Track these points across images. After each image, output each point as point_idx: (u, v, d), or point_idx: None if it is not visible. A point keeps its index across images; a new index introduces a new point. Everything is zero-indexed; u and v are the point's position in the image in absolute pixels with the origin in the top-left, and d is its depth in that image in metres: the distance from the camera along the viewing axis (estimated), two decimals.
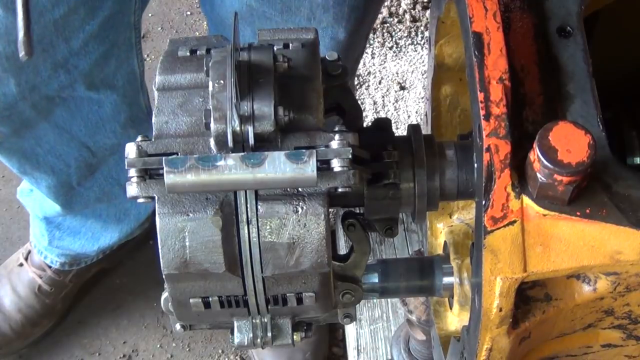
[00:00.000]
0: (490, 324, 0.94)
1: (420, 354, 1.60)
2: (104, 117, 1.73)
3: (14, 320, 2.15)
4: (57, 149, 1.75)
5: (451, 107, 1.30)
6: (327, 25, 1.50)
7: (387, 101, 2.42)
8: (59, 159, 1.77)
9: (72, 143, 1.75)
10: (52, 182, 1.82)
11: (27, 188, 2.03)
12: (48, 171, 1.79)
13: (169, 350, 2.23)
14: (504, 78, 0.91)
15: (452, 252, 1.26)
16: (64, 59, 1.54)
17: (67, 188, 1.86)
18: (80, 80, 1.60)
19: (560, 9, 1.00)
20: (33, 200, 2.02)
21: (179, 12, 2.77)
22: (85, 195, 1.92)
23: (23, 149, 1.71)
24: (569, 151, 0.86)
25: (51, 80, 1.55)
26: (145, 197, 0.89)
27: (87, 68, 1.58)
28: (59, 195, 1.88)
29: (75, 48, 1.53)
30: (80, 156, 1.80)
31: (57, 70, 1.54)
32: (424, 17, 2.57)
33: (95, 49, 1.57)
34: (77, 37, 1.52)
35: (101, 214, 2.03)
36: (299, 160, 0.85)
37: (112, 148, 1.82)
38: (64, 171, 1.80)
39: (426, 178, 1.01)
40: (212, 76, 0.89)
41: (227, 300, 0.95)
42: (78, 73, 1.58)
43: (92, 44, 1.55)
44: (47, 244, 2.07)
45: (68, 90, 1.61)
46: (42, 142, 1.71)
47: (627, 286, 0.96)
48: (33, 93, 1.55)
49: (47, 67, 1.52)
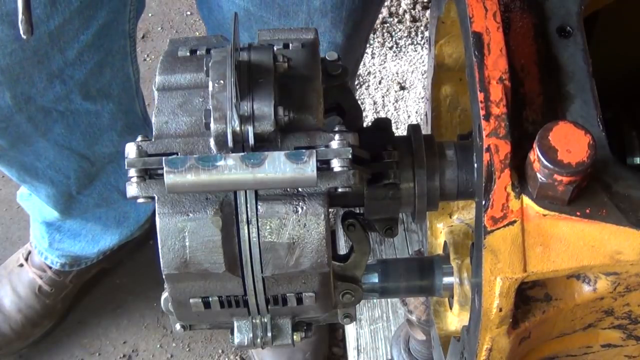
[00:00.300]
0: (490, 324, 0.94)
1: (420, 354, 1.60)
2: (102, 127, 1.74)
3: (14, 321, 2.15)
4: (57, 164, 1.75)
5: (451, 107, 1.30)
6: (325, 30, 1.50)
7: (387, 101, 2.42)
8: (59, 172, 1.77)
9: (71, 157, 1.75)
10: (51, 192, 1.83)
11: (27, 192, 2.04)
12: (47, 182, 1.79)
13: (169, 350, 2.23)
14: (504, 78, 0.91)
15: (452, 252, 1.26)
16: (59, 70, 1.53)
17: (67, 197, 1.87)
18: (76, 90, 1.60)
19: (560, 8, 1.00)
20: (32, 204, 2.02)
21: (179, 12, 2.77)
22: (85, 202, 1.92)
23: (22, 162, 1.72)
24: (569, 151, 0.86)
25: (47, 92, 1.55)
26: (145, 197, 0.89)
27: (82, 78, 1.58)
28: (58, 204, 1.88)
29: (71, 58, 1.53)
30: (79, 167, 1.80)
31: (52, 81, 1.54)
32: (424, 17, 2.57)
33: (90, 59, 1.57)
34: (72, 48, 1.51)
35: (101, 217, 2.03)
36: (299, 160, 0.85)
37: (110, 156, 1.82)
38: (63, 182, 1.81)
39: (426, 178, 1.01)
40: (212, 76, 0.89)
41: (227, 300, 0.95)
42: (74, 83, 1.58)
43: (87, 53, 1.55)
44: (47, 246, 2.07)
45: (64, 103, 1.61)
46: (41, 158, 1.71)
47: (627, 286, 0.96)
48: (29, 105, 1.55)
49: (42, 78, 1.52)
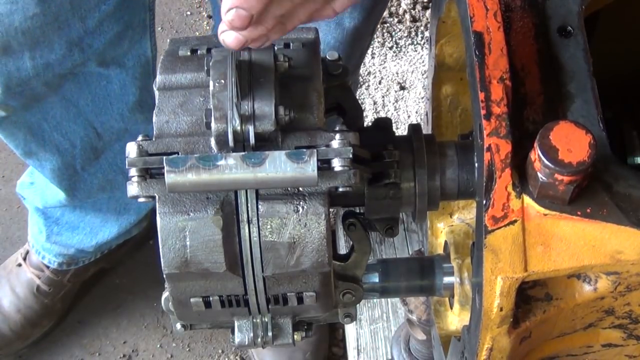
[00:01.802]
0: (491, 324, 0.94)
1: (420, 353, 1.60)
2: (112, 94, 1.74)
3: (13, 321, 2.15)
4: (64, 125, 1.75)
5: (452, 107, 1.30)
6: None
7: (387, 101, 2.42)
8: (65, 137, 1.77)
9: (78, 120, 1.75)
10: (56, 164, 1.82)
11: (28, 181, 2.03)
12: (53, 150, 1.78)
13: (169, 350, 2.23)
14: (504, 77, 0.91)
15: (453, 251, 1.26)
16: (79, 38, 1.55)
17: (72, 171, 1.86)
18: (93, 58, 1.61)
19: (560, 8, 1.00)
20: (34, 191, 2.01)
21: (179, 12, 2.77)
22: (89, 182, 1.91)
23: (29, 124, 1.72)
24: (570, 151, 0.86)
25: (65, 59, 1.56)
26: (146, 196, 0.89)
27: (100, 48, 1.59)
28: (62, 180, 1.87)
29: (91, 27, 1.54)
30: (86, 136, 1.80)
31: (71, 49, 1.55)
32: (424, 17, 2.57)
33: (110, 29, 1.58)
34: (92, 16, 1.53)
35: (101, 207, 2.03)
36: (300, 160, 0.85)
37: (119, 133, 1.82)
38: (69, 151, 1.80)
39: (427, 178, 1.01)
40: (213, 75, 0.89)
41: (228, 300, 0.95)
42: (92, 52, 1.59)
43: (107, 23, 1.56)
44: (44, 240, 2.06)
45: (79, 68, 1.63)
46: (48, 117, 1.71)
47: (628, 286, 0.96)
48: (47, 71, 1.56)
49: (62, 45, 1.54)
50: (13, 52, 1.49)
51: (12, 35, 1.46)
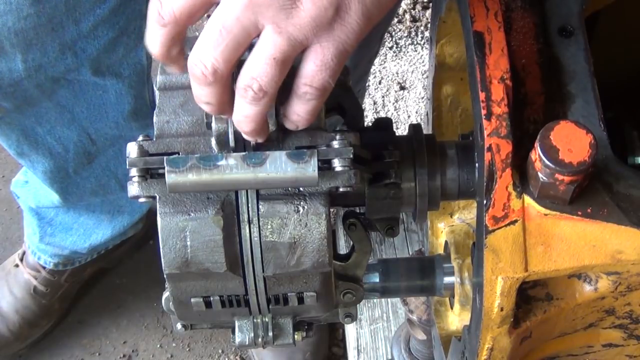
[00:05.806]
0: (492, 324, 0.94)
1: (421, 353, 1.60)
2: (107, 103, 1.73)
3: (12, 322, 2.15)
4: (57, 130, 1.74)
5: (452, 107, 1.30)
6: None
7: (387, 101, 2.42)
8: (58, 141, 1.76)
9: (72, 126, 1.75)
10: (48, 167, 1.81)
11: (22, 179, 2.03)
12: (46, 153, 1.78)
13: (169, 350, 2.23)
14: (505, 77, 0.91)
15: (453, 251, 1.26)
16: (72, 41, 1.54)
17: (64, 174, 1.85)
18: (87, 64, 1.60)
19: (561, 8, 1.00)
20: (27, 190, 2.01)
21: None
22: (82, 186, 1.90)
23: (23, 126, 1.71)
24: (571, 151, 0.86)
25: (57, 62, 1.56)
26: (147, 196, 0.89)
27: (94, 53, 1.59)
28: (54, 182, 1.86)
29: (85, 31, 1.53)
30: (79, 142, 1.79)
31: (64, 51, 1.55)
32: (424, 17, 2.57)
33: (104, 34, 1.57)
34: (87, 20, 1.52)
35: (95, 209, 2.02)
36: (300, 160, 0.85)
37: (113, 139, 1.81)
38: (61, 155, 1.80)
39: (427, 178, 1.01)
40: None
41: (228, 300, 0.95)
42: (85, 57, 1.58)
43: (101, 28, 1.56)
44: (38, 241, 2.05)
45: (74, 74, 1.62)
46: (42, 121, 1.71)
47: (628, 286, 0.96)
48: (39, 73, 1.55)
49: (54, 47, 1.53)
50: (5, 52, 1.48)
51: (5, 36, 1.45)
